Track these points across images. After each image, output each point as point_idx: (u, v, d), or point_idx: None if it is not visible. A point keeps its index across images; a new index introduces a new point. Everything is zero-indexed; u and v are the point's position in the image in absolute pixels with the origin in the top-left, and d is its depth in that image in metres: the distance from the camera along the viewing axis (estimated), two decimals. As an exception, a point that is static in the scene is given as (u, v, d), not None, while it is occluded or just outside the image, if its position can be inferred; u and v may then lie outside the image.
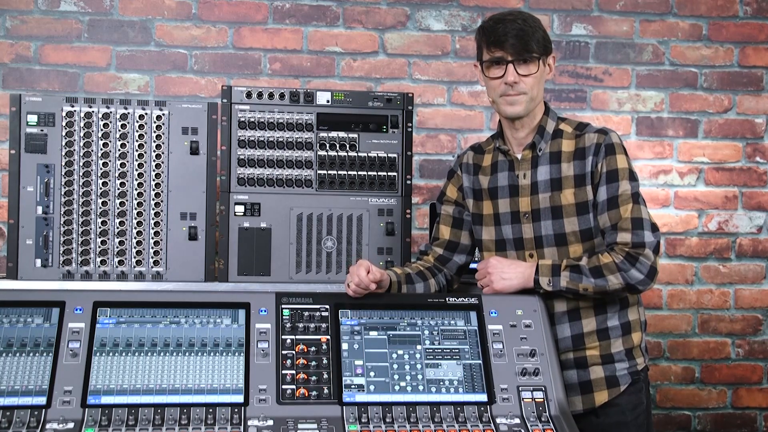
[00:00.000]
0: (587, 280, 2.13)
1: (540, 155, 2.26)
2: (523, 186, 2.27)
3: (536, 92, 2.22)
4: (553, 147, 2.26)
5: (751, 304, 3.50)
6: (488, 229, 2.34)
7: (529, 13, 2.23)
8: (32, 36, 3.20)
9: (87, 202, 2.44)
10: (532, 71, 2.18)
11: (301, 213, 2.51)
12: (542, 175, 2.25)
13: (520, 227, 2.28)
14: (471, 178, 2.38)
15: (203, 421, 1.97)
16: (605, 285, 2.12)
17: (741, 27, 3.49)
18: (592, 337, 2.24)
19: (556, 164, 2.24)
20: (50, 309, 2.14)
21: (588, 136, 2.23)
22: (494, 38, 2.18)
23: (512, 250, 2.30)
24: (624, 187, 2.17)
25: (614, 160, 2.19)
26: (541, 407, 2.08)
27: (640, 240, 2.13)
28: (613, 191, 2.17)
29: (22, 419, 1.94)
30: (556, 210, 2.23)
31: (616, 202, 2.17)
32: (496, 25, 2.19)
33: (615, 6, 3.43)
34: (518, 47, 2.15)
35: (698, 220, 3.47)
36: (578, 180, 2.21)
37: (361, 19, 3.34)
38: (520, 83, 2.18)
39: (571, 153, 2.23)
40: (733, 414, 3.49)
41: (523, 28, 2.16)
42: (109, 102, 2.47)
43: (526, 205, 2.26)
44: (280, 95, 2.52)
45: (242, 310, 2.18)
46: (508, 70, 2.17)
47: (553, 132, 2.27)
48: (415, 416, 2.03)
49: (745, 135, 3.50)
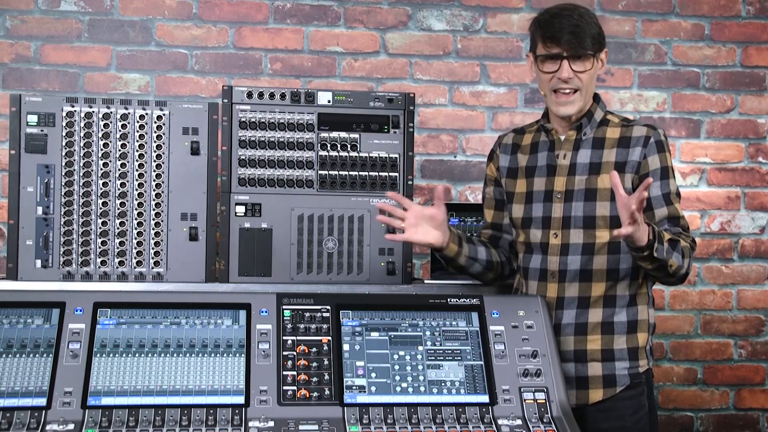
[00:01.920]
0: (677, 257, 2.12)
1: (583, 139, 2.28)
2: (561, 165, 2.28)
3: (590, 88, 2.25)
4: (597, 133, 2.28)
5: (754, 305, 3.48)
6: (518, 206, 2.35)
7: (584, 8, 2.23)
8: (32, 36, 3.20)
9: (87, 203, 2.44)
10: (587, 68, 2.20)
11: (302, 213, 2.50)
12: (582, 158, 2.27)
13: (551, 206, 2.28)
14: (509, 157, 2.41)
15: (204, 423, 1.97)
16: (682, 267, 2.15)
17: (743, 27, 3.48)
18: (596, 329, 2.23)
19: (599, 150, 2.26)
20: (50, 310, 2.14)
21: (637, 128, 2.26)
22: (550, 33, 2.18)
23: (537, 229, 2.30)
24: (674, 186, 2.24)
25: (665, 157, 2.23)
26: (542, 408, 2.07)
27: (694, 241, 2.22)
28: (666, 188, 2.22)
29: (22, 420, 1.94)
30: (591, 192, 2.23)
31: (670, 200, 2.22)
32: (553, 20, 2.19)
33: (617, 6, 3.42)
34: (574, 43, 2.16)
35: (701, 220, 3.46)
36: (619, 166, 2.22)
37: (362, 18, 3.33)
38: (575, 79, 2.19)
39: (615, 140, 2.26)
40: (736, 415, 3.47)
41: (579, 24, 2.17)
42: (109, 102, 2.46)
43: (561, 185, 2.27)
44: (281, 95, 2.51)
45: (243, 310, 2.17)
46: (563, 66, 2.18)
47: (600, 120, 2.30)
48: (416, 417, 2.03)
49: (747, 135, 3.49)
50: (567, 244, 2.25)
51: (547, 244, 2.27)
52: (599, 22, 2.24)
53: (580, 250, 2.24)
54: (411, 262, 2.54)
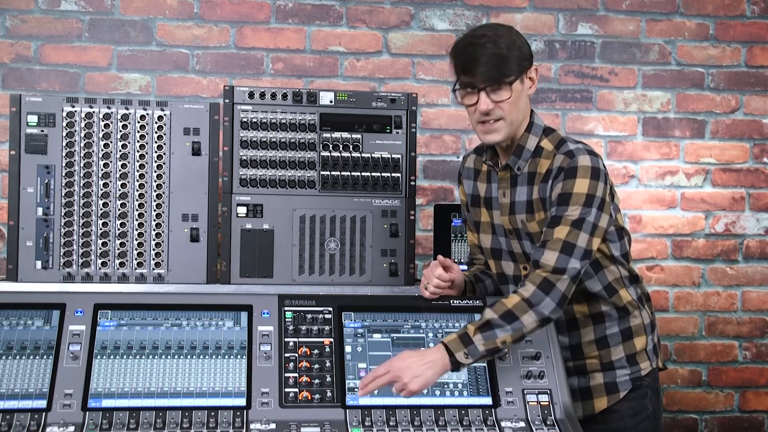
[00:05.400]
0: (502, 331, 1.95)
1: (519, 174, 2.16)
2: (503, 204, 2.21)
3: (515, 115, 2.08)
4: (531, 167, 2.14)
5: (759, 306, 3.47)
6: (486, 237, 2.31)
7: (504, 29, 2.07)
8: (32, 36, 3.19)
9: (88, 203, 2.42)
10: (505, 97, 2.03)
11: (304, 214, 2.49)
12: (520, 195, 2.17)
13: (509, 241, 2.24)
14: (472, 183, 2.34)
15: (205, 425, 1.96)
16: (522, 328, 1.96)
17: (748, 26, 3.47)
18: (591, 347, 2.22)
19: (532, 185, 2.14)
20: (50, 311, 2.13)
21: (557, 158, 2.09)
22: (464, 64, 2.03)
23: (509, 261, 2.27)
24: (572, 211, 2.01)
25: (572, 184, 2.02)
26: (546, 410, 2.06)
27: (562, 266, 1.97)
28: (559, 212, 2.02)
29: (22, 423, 1.93)
30: (530, 236, 2.16)
31: (558, 222, 2.01)
32: (467, 49, 2.03)
33: (621, 5, 3.41)
34: (489, 75, 2.00)
35: (705, 221, 3.44)
36: (543, 204, 2.11)
37: (364, 18, 3.32)
38: (496, 109, 2.04)
39: (542, 175, 2.12)
40: (741, 417, 3.46)
41: (495, 52, 1.99)
42: (110, 102, 2.45)
43: (507, 224, 2.21)
44: (282, 95, 2.50)
45: (244, 312, 2.17)
46: (481, 98, 2.03)
47: (534, 149, 2.15)
48: (419, 420, 2.02)
49: (752, 136, 3.47)
50: None
51: (520, 276, 2.25)
52: (522, 40, 2.07)
53: None
54: (413, 264, 2.53)
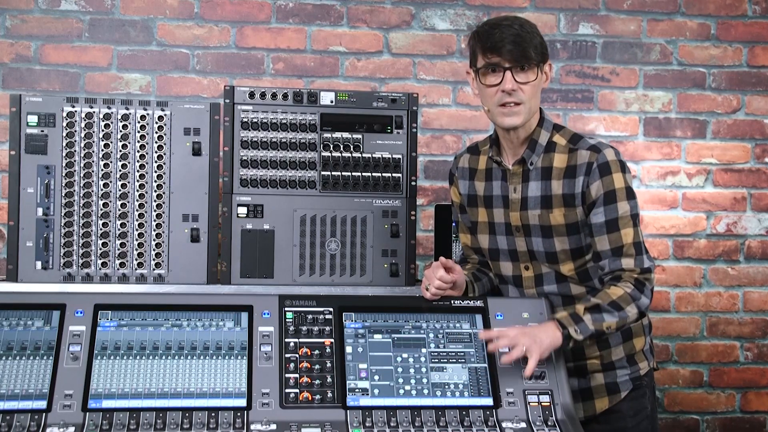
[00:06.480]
0: (610, 316, 2.05)
1: (531, 169, 2.19)
2: (513, 200, 2.22)
3: (533, 102, 2.14)
4: (545, 161, 2.18)
5: (760, 306, 3.46)
6: (483, 237, 2.32)
7: (525, 19, 2.15)
8: (32, 35, 3.18)
9: (88, 204, 2.42)
10: (530, 79, 2.09)
11: (304, 214, 2.48)
12: (533, 190, 2.19)
13: (513, 239, 2.25)
14: (467, 183, 2.35)
15: (205, 426, 1.95)
16: (626, 318, 2.06)
17: (750, 26, 3.46)
18: (592, 348, 2.23)
19: (547, 180, 2.17)
20: (51, 312, 2.13)
21: (580, 153, 2.14)
22: (491, 43, 2.08)
23: (507, 261, 2.28)
24: (623, 208, 2.10)
25: (610, 180, 2.11)
26: (547, 411, 2.06)
27: (645, 266, 2.10)
28: (611, 213, 2.10)
29: (22, 424, 1.93)
30: (546, 229, 2.18)
31: (616, 225, 2.10)
32: (492, 30, 2.09)
33: (622, 5, 3.40)
34: (516, 53, 2.06)
35: (706, 221, 3.44)
36: (568, 200, 2.15)
37: (365, 18, 3.31)
38: (518, 91, 2.09)
39: (562, 170, 2.16)
40: (742, 418, 3.45)
41: (521, 33, 2.06)
42: (110, 102, 2.45)
43: (516, 220, 2.22)
44: (283, 95, 2.50)
45: (245, 312, 2.16)
46: (506, 77, 2.07)
47: (546, 144, 2.19)
48: (420, 420, 2.01)
49: (754, 136, 3.47)
50: (540, 275, 2.25)
51: (520, 276, 2.27)
52: (541, 33, 2.14)
53: (554, 279, 2.23)
54: (414, 264, 2.53)
